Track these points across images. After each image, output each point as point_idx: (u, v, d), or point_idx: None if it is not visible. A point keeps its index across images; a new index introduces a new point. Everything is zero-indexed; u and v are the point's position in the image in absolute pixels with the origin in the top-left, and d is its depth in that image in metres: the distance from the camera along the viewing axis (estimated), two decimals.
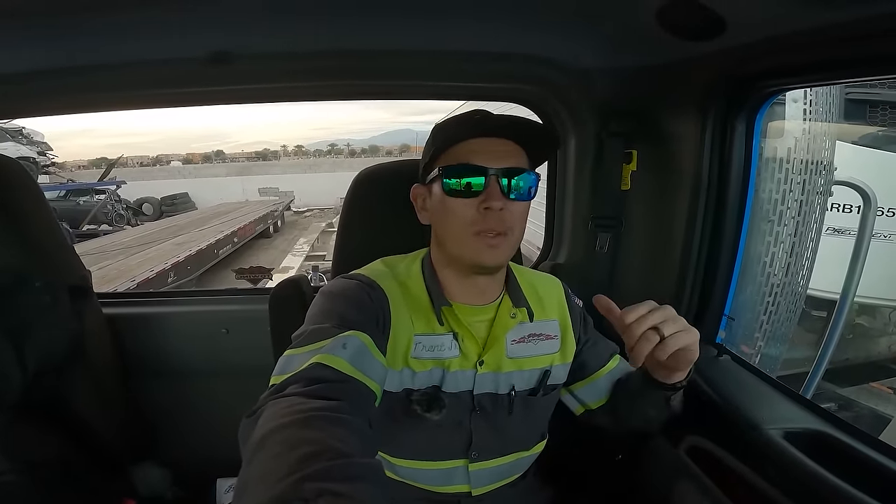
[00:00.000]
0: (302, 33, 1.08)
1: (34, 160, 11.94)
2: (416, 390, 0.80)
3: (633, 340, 0.70)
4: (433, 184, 0.80)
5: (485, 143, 0.77)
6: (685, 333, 0.71)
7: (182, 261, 7.40)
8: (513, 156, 0.77)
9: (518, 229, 0.79)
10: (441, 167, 0.78)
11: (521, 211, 0.78)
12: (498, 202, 0.74)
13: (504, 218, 0.75)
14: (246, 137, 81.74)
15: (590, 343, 0.94)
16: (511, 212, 0.76)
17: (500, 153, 0.76)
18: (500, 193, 0.75)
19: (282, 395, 0.59)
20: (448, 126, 0.80)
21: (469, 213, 0.76)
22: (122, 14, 0.93)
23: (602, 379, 0.94)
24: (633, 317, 0.70)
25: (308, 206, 18.71)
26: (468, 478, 0.86)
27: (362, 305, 0.76)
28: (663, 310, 0.71)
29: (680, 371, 0.79)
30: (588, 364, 0.94)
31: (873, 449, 0.75)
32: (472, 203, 0.76)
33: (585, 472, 1.13)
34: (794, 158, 2.27)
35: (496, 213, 0.75)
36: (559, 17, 1.01)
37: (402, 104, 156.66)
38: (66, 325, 1.17)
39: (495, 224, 0.75)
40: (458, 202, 0.76)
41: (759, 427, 0.83)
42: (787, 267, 2.33)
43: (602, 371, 0.94)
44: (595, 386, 0.94)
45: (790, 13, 0.74)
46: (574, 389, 0.95)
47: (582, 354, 0.93)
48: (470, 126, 0.77)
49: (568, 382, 0.94)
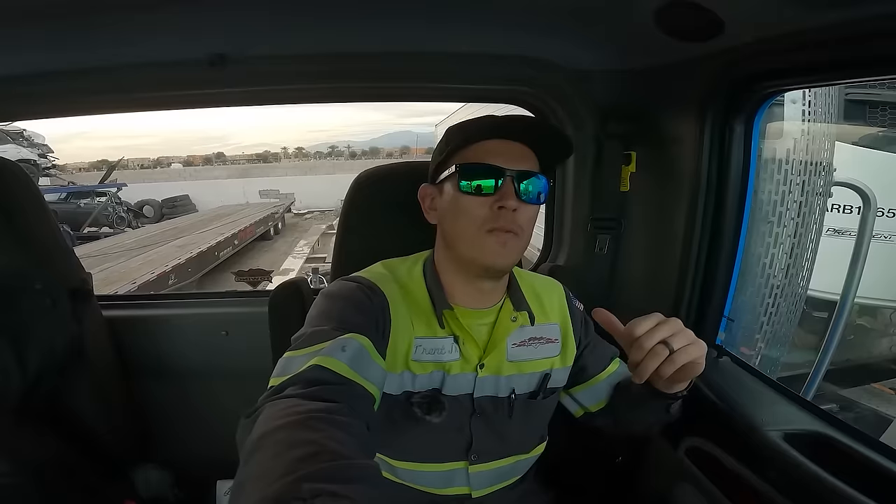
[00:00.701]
0: (301, 36, 1.08)
1: (35, 162, 11.99)
2: (417, 393, 0.80)
3: (641, 355, 0.69)
4: (445, 183, 0.81)
5: (501, 145, 0.77)
6: (694, 347, 0.71)
7: (183, 263, 7.41)
8: (527, 159, 0.78)
9: (527, 233, 0.79)
10: (458, 165, 0.78)
11: (531, 214, 0.79)
12: (512, 201, 0.75)
13: (517, 219, 0.76)
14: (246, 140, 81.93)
15: (590, 346, 0.94)
16: (523, 213, 0.77)
17: (517, 155, 0.77)
18: (515, 194, 0.75)
19: (280, 397, 0.59)
20: (466, 127, 0.81)
21: (483, 212, 0.76)
22: (124, 17, 0.93)
23: (602, 383, 0.94)
24: (642, 330, 0.69)
25: (308, 208, 18.72)
26: (468, 480, 0.85)
27: (362, 308, 0.76)
28: (672, 322, 0.71)
29: (682, 382, 0.78)
30: (588, 368, 0.94)
31: (873, 450, 0.75)
32: (486, 202, 0.76)
33: (585, 475, 1.13)
34: (794, 159, 2.27)
35: (509, 213, 0.75)
36: (556, 19, 1.01)
37: (402, 106, 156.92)
38: (67, 328, 1.17)
39: (508, 223, 0.76)
40: (473, 200, 0.77)
41: (759, 429, 0.83)
42: (786, 268, 2.33)
43: (602, 375, 0.94)
44: (595, 390, 0.94)
45: (788, 14, 0.74)
46: (574, 392, 0.95)
47: (583, 358, 0.93)
48: (489, 128, 0.78)
49: (568, 385, 0.94)
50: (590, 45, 1.10)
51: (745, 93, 0.96)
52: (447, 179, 0.80)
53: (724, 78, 0.95)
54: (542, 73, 1.20)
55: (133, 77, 1.14)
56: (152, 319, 1.49)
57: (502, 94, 1.32)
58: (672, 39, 0.92)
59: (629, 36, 1.01)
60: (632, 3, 0.88)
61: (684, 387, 0.80)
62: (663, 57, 1.03)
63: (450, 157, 0.80)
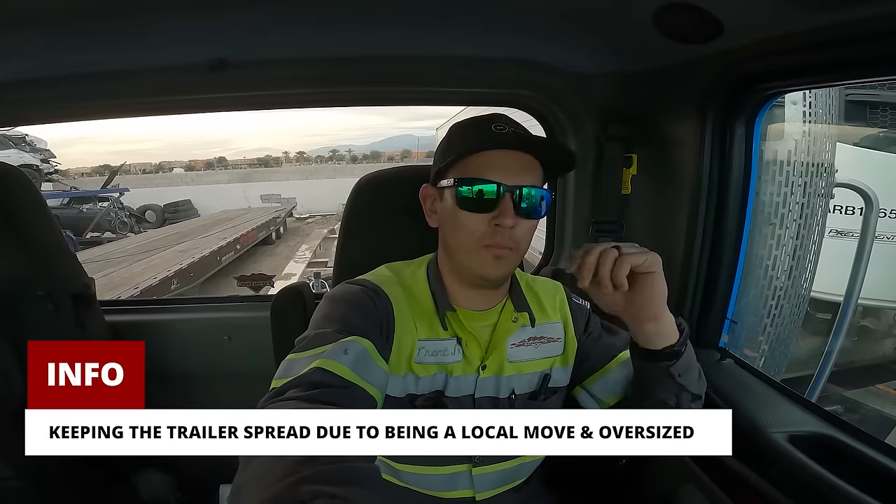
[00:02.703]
0: (302, 40, 1.08)
1: (37, 168, 12.05)
2: (420, 395, 0.80)
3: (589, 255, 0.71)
4: (445, 191, 0.80)
5: (502, 157, 0.76)
6: (643, 254, 0.71)
7: (185, 268, 7.44)
8: (528, 172, 0.77)
9: (525, 245, 0.79)
10: (455, 178, 0.77)
11: (530, 227, 0.78)
12: (509, 220, 0.74)
13: (514, 235, 0.76)
14: (248, 144, 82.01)
15: (593, 337, 0.93)
16: (521, 228, 0.76)
17: (517, 169, 0.76)
18: (513, 211, 0.74)
19: (281, 400, 0.59)
20: (466, 132, 0.80)
21: (480, 228, 0.75)
22: (124, 22, 0.94)
23: (613, 372, 0.91)
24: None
25: (310, 213, 18.76)
26: (472, 482, 0.85)
27: (366, 311, 0.76)
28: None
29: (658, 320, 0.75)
30: (596, 356, 0.92)
31: (880, 452, 0.75)
32: (483, 218, 0.75)
33: (589, 476, 1.13)
34: (795, 161, 2.27)
35: (506, 230, 0.74)
36: (555, 22, 1.01)
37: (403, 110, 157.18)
38: (70, 332, 1.18)
39: (505, 240, 0.75)
40: (470, 216, 0.76)
41: (764, 430, 0.83)
42: (789, 270, 2.32)
43: (612, 364, 0.91)
44: (606, 381, 0.91)
45: (788, 15, 0.74)
46: (587, 386, 0.93)
47: (589, 349, 0.92)
48: (488, 137, 0.76)
49: (580, 379, 0.92)
50: (589, 48, 1.10)
51: (745, 94, 0.96)
52: (446, 189, 0.79)
53: (723, 79, 0.95)
54: (541, 76, 1.20)
55: (133, 82, 1.15)
56: (155, 324, 1.50)
57: (502, 98, 1.32)
58: (671, 41, 0.93)
59: (628, 38, 1.02)
60: (630, 6, 0.88)
61: (670, 340, 0.77)
62: (662, 59, 1.03)
63: (450, 167, 0.79)
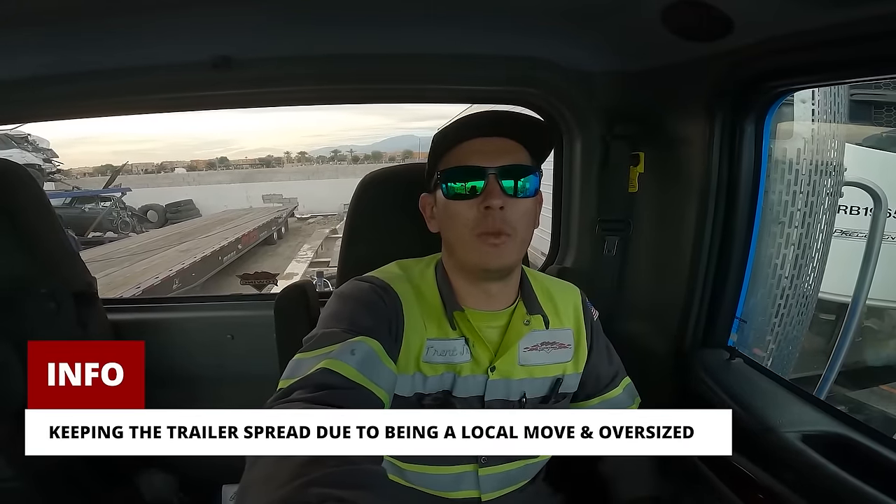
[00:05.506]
0: (305, 38, 1.08)
1: (40, 167, 12.07)
2: (427, 395, 0.79)
3: None
4: (436, 190, 0.80)
5: (483, 144, 0.77)
6: None
7: (187, 267, 7.46)
8: (511, 153, 0.77)
9: (522, 229, 0.78)
10: (440, 171, 0.78)
11: (523, 209, 0.77)
12: (497, 200, 0.74)
13: (506, 217, 0.75)
14: (250, 144, 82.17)
15: (599, 354, 0.92)
16: (513, 210, 0.75)
17: (499, 151, 0.76)
18: (500, 192, 0.74)
19: (287, 400, 0.59)
20: (446, 130, 0.80)
21: (471, 215, 0.75)
22: (127, 19, 0.93)
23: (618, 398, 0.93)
24: None
25: (312, 213, 18.79)
26: (477, 483, 0.84)
27: (375, 309, 0.76)
28: None
29: None
30: (601, 378, 0.92)
31: (894, 451, 0.74)
32: (472, 204, 0.75)
33: (595, 477, 1.11)
34: (804, 160, 2.25)
35: (497, 213, 0.74)
36: (560, 20, 1.00)
37: (404, 111, 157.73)
38: (72, 331, 1.17)
39: (497, 224, 0.74)
40: (460, 205, 0.76)
41: (775, 430, 0.82)
42: (798, 269, 2.31)
43: (616, 391, 0.93)
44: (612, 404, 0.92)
45: (798, 12, 0.73)
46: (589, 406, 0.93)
47: (593, 366, 0.91)
48: (466, 128, 0.77)
49: (582, 398, 0.92)
50: (595, 46, 1.09)
51: (754, 93, 0.95)
52: (436, 186, 0.80)
53: (730, 78, 0.94)
54: (546, 74, 1.19)
55: (136, 79, 1.14)
56: (157, 323, 1.49)
57: (507, 96, 1.31)
58: (680, 39, 0.91)
59: (634, 36, 1.01)
60: (638, 4, 0.87)
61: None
62: (666, 57, 1.02)
63: (436, 163, 0.80)
